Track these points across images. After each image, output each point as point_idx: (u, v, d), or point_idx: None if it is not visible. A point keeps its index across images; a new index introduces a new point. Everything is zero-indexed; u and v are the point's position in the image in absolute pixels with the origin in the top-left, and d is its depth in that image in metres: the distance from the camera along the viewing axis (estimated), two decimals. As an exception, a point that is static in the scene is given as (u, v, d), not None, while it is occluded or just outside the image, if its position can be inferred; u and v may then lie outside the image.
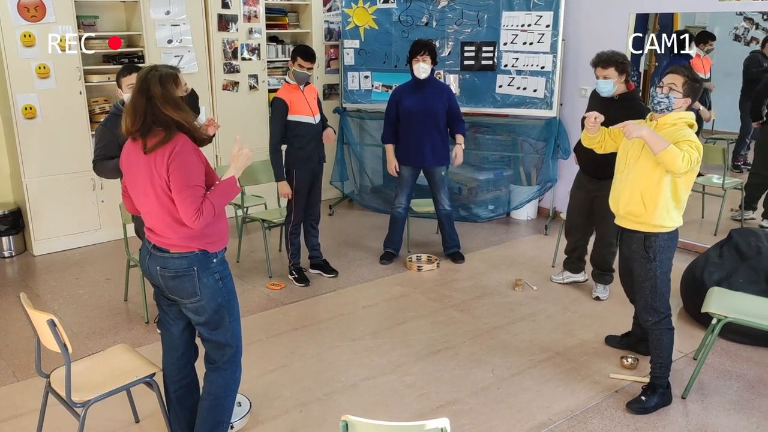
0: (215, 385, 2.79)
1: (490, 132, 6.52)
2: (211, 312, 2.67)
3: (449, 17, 6.21)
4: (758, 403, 3.37)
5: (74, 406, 2.65)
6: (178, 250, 2.59)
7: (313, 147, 4.70)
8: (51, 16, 5.21)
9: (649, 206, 3.14)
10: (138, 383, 2.82)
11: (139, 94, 2.51)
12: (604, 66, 4.01)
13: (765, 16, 5.44)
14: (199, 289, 2.62)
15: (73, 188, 5.59)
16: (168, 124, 2.50)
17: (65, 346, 2.57)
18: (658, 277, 3.23)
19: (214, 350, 2.77)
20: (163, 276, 2.63)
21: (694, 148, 2.95)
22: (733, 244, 4.26)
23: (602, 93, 4.09)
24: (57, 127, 5.41)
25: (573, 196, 4.62)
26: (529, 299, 4.65)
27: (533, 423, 3.22)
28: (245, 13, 6.21)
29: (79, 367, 2.85)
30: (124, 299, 4.65)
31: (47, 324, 2.54)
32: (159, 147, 2.48)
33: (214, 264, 2.66)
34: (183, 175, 2.48)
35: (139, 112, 2.50)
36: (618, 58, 4.01)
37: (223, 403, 2.81)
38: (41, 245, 5.57)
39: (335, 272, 5.09)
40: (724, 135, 6.04)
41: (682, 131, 3.05)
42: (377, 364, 3.78)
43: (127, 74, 3.71)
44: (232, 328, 2.75)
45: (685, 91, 3.08)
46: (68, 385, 2.61)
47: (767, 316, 3.36)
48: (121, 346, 3.07)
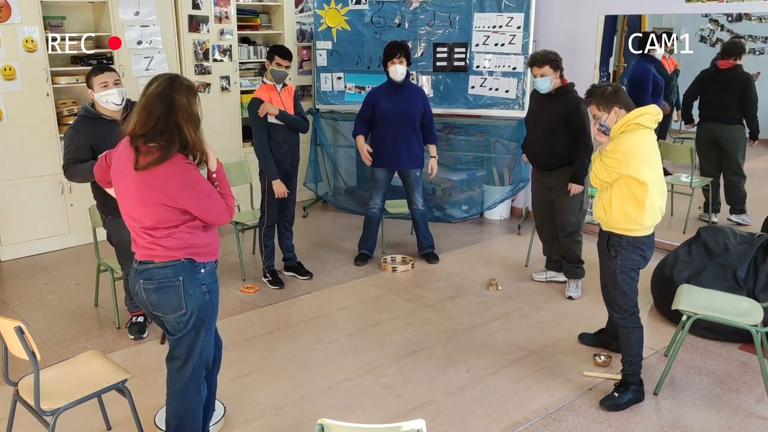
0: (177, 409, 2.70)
1: (462, 133, 6.55)
2: (190, 326, 2.56)
3: (421, 18, 6.23)
4: (728, 398, 3.43)
5: (43, 414, 2.60)
6: (163, 260, 2.49)
7: (287, 148, 4.67)
8: (17, 16, 5.10)
9: (608, 211, 3.26)
10: (109, 390, 2.78)
11: (157, 98, 2.39)
12: (540, 65, 4.33)
13: (730, 17, 5.56)
14: (184, 301, 2.51)
15: (42, 192, 5.48)
16: (172, 140, 2.38)
17: (33, 353, 2.52)
18: (618, 276, 3.30)
19: (179, 370, 2.65)
20: (146, 289, 2.50)
21: (608, 161, 3.16)
22: (701, 242, 4.34)
23: (541, 90, 4.41)
24: (24, 129, 5.30)
25: (533, 191, 4.80)
26: (503, 299, 4.68)
27: (509, 422, 3.24)
28: (216, 14, 6.16)
29: (48, 374, 2.80)
30: (95, 304, 4.57)
31: (15, 331, 2.48)
32: (153, 167, 2.36)
33: (202, 275, 2.55)
34: (196, 192, 2.42)
35: (153, 116, 2.37)
36: (551, 56, 4.32)
37: (190, 424, 2.73)
38: (9, 250, 5.45)
39: (310, 274, 5.07)
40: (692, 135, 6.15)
41: (624, 137, 3.16)
42: (353, 366, 3.77)
43: (99, 73, 3.61)
44: (205, 346, 2.65)
45: (603, 107, 3.25)
46: (37, 394, 2.56)
47: (735, 312, 3.42)
48: (92, 352, 3.01)
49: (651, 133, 3.21)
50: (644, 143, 3.16)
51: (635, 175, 3.13)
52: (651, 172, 3.15)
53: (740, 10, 5.13)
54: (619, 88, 3.26)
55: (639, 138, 3.15)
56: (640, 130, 3.16)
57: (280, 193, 4.64)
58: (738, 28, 5.60)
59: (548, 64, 4.30)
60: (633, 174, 3.13)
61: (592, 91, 3.31)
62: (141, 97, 2.46)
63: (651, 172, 3.15)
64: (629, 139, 3.14)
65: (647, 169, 3.14)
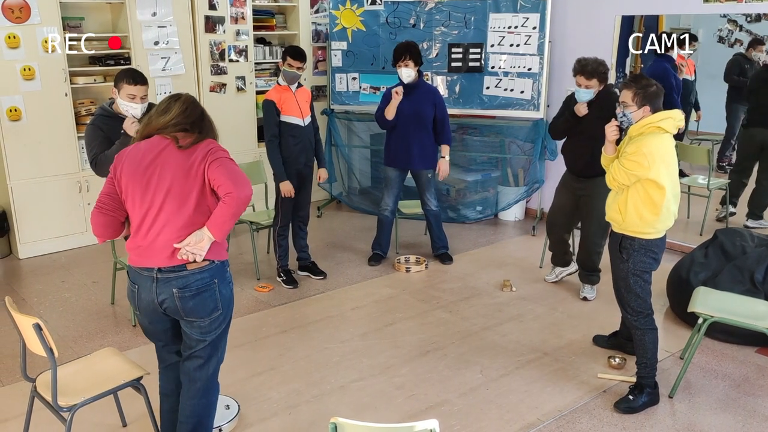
0: (197, 407, 2.69)
1: (477, 133, 6.54)
2: (224, 326, 2.63)
3: (436, 19, 6.23)
4: (744, 402, 3.40)
5: (60, 410, 2.63)
6: (198, 265, 2.49)
7: (301, 149, 4.69)
8: (36, 17, 5.17)
9: (623, 213, 3.23)
10: (125, 387, 2.80)
11: (193, 104, 2.57)
12: (589, 77, 4.13)
13: (748, 18, 5.50)
14: (220, 303, 2.55)
15: (59, 191, 5.54)
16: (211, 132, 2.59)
17: (51, 350, 2.55)
18: (630, 278, 3.27)
19: (200, 367, 2.66)
20: (182, 297, 2.48)
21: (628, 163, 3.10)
22: (718, 244, 4.30)
23: (582, 100, 4.21)
24: (42, 129, 5.37)
25: (558, 194, 4.66)
26: (517, 300, 4.67)
27: (522, 423, 3.23)
28: (232, 14, 6.20)
29: (65, 371, 2.83)
30: (111, 302, 4.62)
31: (33, 328, 2.51)
32: (199, 143, 2.50)
33: (229, 273, 2.62)
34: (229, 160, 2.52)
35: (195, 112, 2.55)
36: (601, 69, 4.13)
37: (207, 422, 2.76)
38: (27, 248, 5.52)
39: (324, 274, 5.08)
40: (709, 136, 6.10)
41: (645, 139, 3.11)
42: (366, 366, 3.78)
43: (132, 83, 3.53)
44: (224, 341, 2.72)
45: (638, 101, 3.17)
46: (54, 390, 2.59)
47: (752, 316, 3.39)
48: (108, 349, 3.04)
49: (671, 137, 3.17)
50: (665, 147, 3.12)
51: (655, 178, 3.08)
52: (669, 177, 3.13)
53: (759, 10, 5.07)
54: (661, 92, 3.17)
55: (661, 141, 3.11)
56: (662, 134, 3.13)
57: (286, 192, 4.65)
58: (757, 28, 5.55)
59: (597, 78, 4.11)
60: (653, 177, 3.08)
61: (636, 79, 3.20)
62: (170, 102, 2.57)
63: (669, 176, 3.13)
64: (651, 142, 3.09)
65: (666, 174, 3.11)
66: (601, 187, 4.25)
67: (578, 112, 4.25)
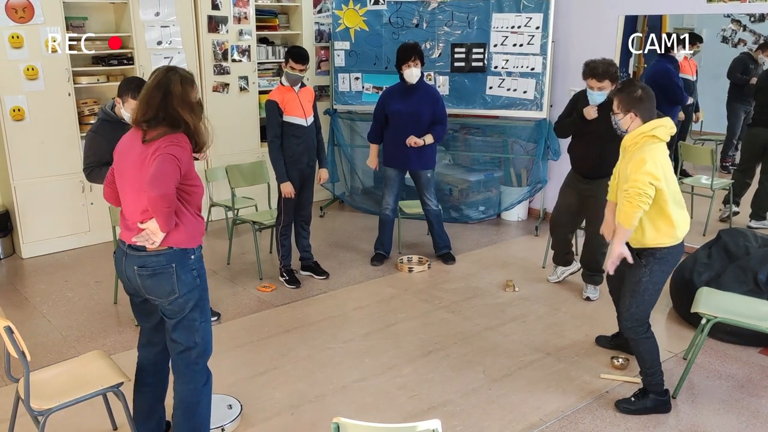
0: (183, 392, 2.75)
1: (480, 133, 6.54)
2: (188, 310, 2.66)
3: (439, 19, 6.22)
4: (747, 403, 3.39)
5: (34, 414, 2.59)
6: (155, 249, 2.58)
7: (303, 149, 4.69)
8: (39, 17, 5.18)
9: (642, 229, 3.12)
10: (102, 393, 2.75)
11: (155, 89, 2.55)
12: (600, 79, 4.08)
13: (752, 18, 5.49)
14: (177, 286, 2.61)
15: (62, 190, 5.55)
16: (177, 123, 2.54)
17: (23, 353, 2.51)
18: (643, 284, 3.19)
19: (180, 353, 2.72)
20: (140, 275, 2.61)
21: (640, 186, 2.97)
22: (721, 245, 4.29)
23: (596, 102, 4.17)
24: (46, 128, 5.38)
25: (562, 194, 4.63)
26: (519, 300, 4.67)
27: (524, 424, 3.22)
28: (235, 14, 6.20)
29: (48, 373, 2.81)
30: (114, 302, 4.62)
31: (4, 331, 2.47)
32: (158, 139, 2.51)
33: (192, 260, 2.66)
34: (169, 162, 2.47)
35: (152, 104, 2.54)
36: (612, 69, 4.07)
37: (197, 408, 2.77)
38: (30, 248, 5.53)
39: (326, 274, 5.08)
40: (712, 136, 6.08)
41: (641, 154, 3.03)
42: (368, 366, 3.78)
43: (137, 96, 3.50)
44: (201, 328, 2.73)
45: (623, 108, 3.11)
46: (27, 393, 2.56)
47: (755, 316, 3.38)
48: (96, 352, 2.99)
49: (664, 146, 3.10)
50: (663, 156, 3.07)
51: (664, 188, 3.02)
52: (668, 185, 3.05)
53: (763, 10, 5.06)
54: (648, 97, 3.08)
55: (659, 150, 3.05)
56: (657, 143, 3.06)
57: (287, 193, 4.66)
58: (761, 28, 5.53)
59: (608, 79, 4.05)
60: (662, 187, 3.02)
61: (624, 85, 3.17)
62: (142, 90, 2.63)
63: (667, 184, 3.05)
64: (653, 151, 3.03)
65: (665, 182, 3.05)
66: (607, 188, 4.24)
67: (587, 116, 4.22)
